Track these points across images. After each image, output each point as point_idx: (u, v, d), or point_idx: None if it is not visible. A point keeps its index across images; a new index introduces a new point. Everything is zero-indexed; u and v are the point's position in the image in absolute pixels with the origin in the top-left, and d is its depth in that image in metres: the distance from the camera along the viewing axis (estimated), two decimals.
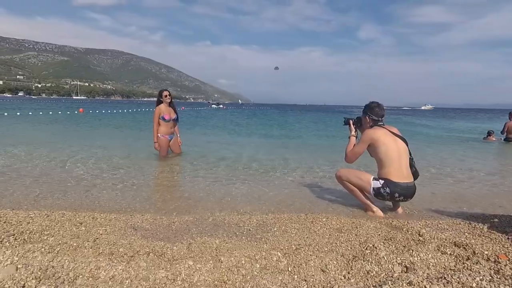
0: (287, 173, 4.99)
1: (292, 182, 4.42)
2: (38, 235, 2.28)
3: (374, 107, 3.09)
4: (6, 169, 4.69)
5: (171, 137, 5.89)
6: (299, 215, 2.86)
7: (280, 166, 5.53)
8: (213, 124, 17.59)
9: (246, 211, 3.10)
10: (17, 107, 33.01)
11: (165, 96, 5.67)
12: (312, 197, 3.67)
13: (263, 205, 3.32)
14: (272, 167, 5.36)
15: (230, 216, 2.87)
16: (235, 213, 3.00)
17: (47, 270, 1.65)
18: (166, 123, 5.64)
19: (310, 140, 10.55)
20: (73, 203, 3.27)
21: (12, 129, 11.87)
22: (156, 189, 4.02)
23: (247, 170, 5.09)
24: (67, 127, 13.29)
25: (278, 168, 5.34)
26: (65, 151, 6.46)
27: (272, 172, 4.98)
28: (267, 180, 4.47)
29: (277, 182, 4.36)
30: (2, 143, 7.34)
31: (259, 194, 3.75)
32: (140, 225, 2.57)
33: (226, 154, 6.72)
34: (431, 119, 31.29)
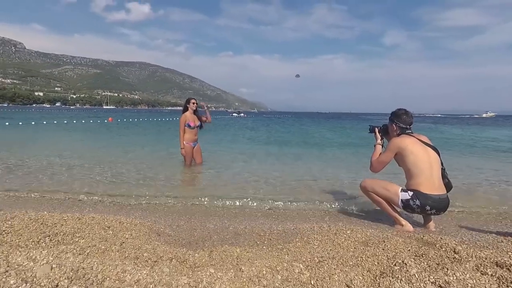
0: (308, 182, 4.93)
1: (314, 191, 4.36)
2: (70, 237, 2.39)
3: (402, 114, 2.95)
4: (41, 174, 4.99)
5: (195, 144, 6.02)
6: (321, 226, 2.81)
7: (301, 175, 5.48)
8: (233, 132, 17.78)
9: (267, 220, 3.09)
10: (55, 116, 35.17)
11: (192, 103, 5.86)
12: (335, 208, 3.60)
13: (283, 215, 3.30)
14: (293, 176, 5.32)
15: (250, 225, 2.87)
16: (255, 222, 3.00)
17: (78, 271, 1.73)
18: (191, 130, 5.79)
19: (332, 148, 10.37)
20: (100, 207, 3.41)
21: (47, 136, 12.64)
22: (179, 196, 4.10)
23: (267, 179, 5.09)
24: (97, 135, 13.95)
25: (299, 177, 5.29)
26: (94, 158, 6.76)
27: (293, 181, 4.94)
28: (288, 190, 4.44)
29: (298, 192, 4.32)
30: (39, 149, 7.82)
31: (279, 204, 3.73)
32: (163, 231, 2.63)
33: (247, 162, 6.76)
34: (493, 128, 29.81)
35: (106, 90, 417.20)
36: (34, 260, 1.87)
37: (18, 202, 3.60)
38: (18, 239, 2.34)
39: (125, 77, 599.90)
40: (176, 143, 6.20)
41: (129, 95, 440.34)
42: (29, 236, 2.41)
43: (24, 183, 4.49)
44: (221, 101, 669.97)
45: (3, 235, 2.43)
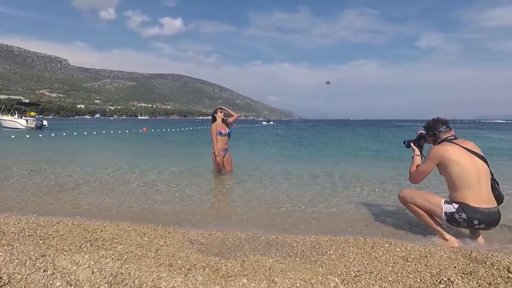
0: (343, 192, 4.78)
1: (348, 201, 4.20)
2: (109, 242, 2.50)
3: (435, 123, 2.81)
4: (82, 181, 5.31)
5: (225, 153, 6.07)
6: (356, 238, 2.70)
7: (334, 184, 5.33)
8: (263, 140, 17.76)
9: (299, 231, 3.02)
10: (95, 126, 37.51)
11: (219, 112, 6.00)
12: (371, 219, 3.44)
13: (316, 226, 3.22)
14: (326, 186, 5.19)
15: (282, 235, 2.82)
16: (288, 232, 2.95)
17: (117, 276, 1.79)
18: (222, 137, 5.88)
19: (368, 156, 9.99)
20: (137, 214, 3.54)
21: (87, 146, 13.46)
22: (210, 204, 4.15)
23: (299, 189, 5.00)
24: (132, 144, 14.61)
25: (332, 186, 5.15)
26: (130, 166, 7.07)
27: (327, 191, 4.82)
28: (321, 199, 4.32)
29: (331, 202, 4.19)
30: (77, 159, 8.33)
31: (312, 214, 3.64)
32: (196, 239, 2.67)
33: (278, 171, 6.69)
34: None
35: (140, 101, 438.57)
36: (77, 264, 1.97)
37: (55, 208, 3.84)
38: (63, 243, 2.48)
39: (158, 89, 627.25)
40: (206, 152, 6.31)
41: (162, 105, 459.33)
42: (72, 240, 2.55)
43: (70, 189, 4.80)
44: (250, 110, 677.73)
45: (49, 239, 2.59)
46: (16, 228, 2.81)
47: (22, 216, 3.35)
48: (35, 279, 1.72)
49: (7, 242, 2.40)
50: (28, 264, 1.92)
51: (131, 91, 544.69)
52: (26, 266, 1.88)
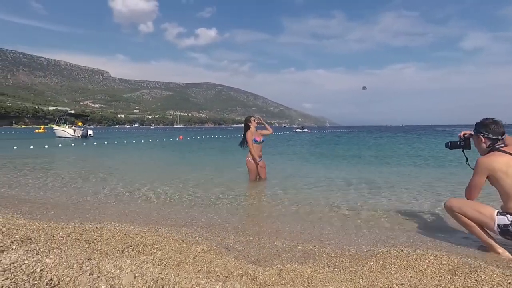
0: (384, 200, 4.56)
1: (389, 210, 4.00)
2: (149, 248, 2.58)
3: (490, 123, 2.54)
4: (121, 188, 5.58)
5: (259, 160, 6.07)
6: (398, 249, 2.54)
7: (374, 191, 5.11)
8: (298, 148, 17.53)
9: (338, 240, 2.91)
10: (134, 135, 39.59)
11: (253, 120, 6.02)
12: (414, 230, 3.23)
13: (356, 235, 3.08)
14: (366, 194, 4.99)
15: (320, 244, 2.74)
16: (325, 241, 2.86)
17: (157, 281, 1.83)
18: (256, 145, 5.90)
19: (409, 163, 9.47)
20: (174, 220, 3.63)
21: (127, 154, 14.18)
22: (246, 212, 4.16)
23: (338, 196, 4.85)
24: (170, 152, 15.17)
25: (373, 194, 4.94)
26: (167, 174, 7.33)
27: (367, 199, 4.62)
28: (360, 208, 4.14)
29: (372, 210, 4.01)
30: (118, 167, 8.79)
31: (351, 223, 3.50)
32: (232, 246, 2.67)
33: (314, 179, 6.53)
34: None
35: (176, 110, 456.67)
36: (120, 268, 2.05)
37: (101, 213, 4.05)
38: (106, 248, 2.60)
39: (193, 98, 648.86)
40: (240, 160, 6.37)
41: (197, 114, 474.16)
42: (115, 245, 2.67)
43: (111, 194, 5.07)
44: (284, 117, 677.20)
45: (94, 243, 2.73)
46: (64, 232, 3.00)
47: (69, 221, 3.59)
48: (82, 282, 1.81)
49: (56, 245, 2.57)
50: (75, 267, 2.03)
51: (167, 100, 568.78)
52: (73, 269, 1.99)
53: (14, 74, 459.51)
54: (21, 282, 1.67)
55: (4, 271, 1.78)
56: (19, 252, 2.14)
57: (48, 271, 1.89)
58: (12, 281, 1.67)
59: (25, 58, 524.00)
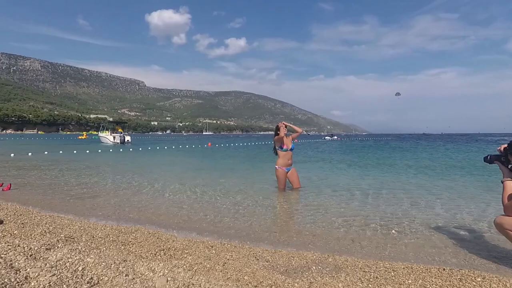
0: (423, 212, 4.30)
1: (430, 223, 3.76)
2: (180, 252, 2.64)
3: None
4: (154, 193, 5.77)
5: (289, 169, 5.99)
6: (441, 268, 2.38)
7: (413, 203, 4.85)
8: (330, 156, 17.06)
9: (372, 254, 2.79)
10: (166, 141, 41.04)
11: (280, 127, 5.92)
12: (458, 246, 3.00)
13: (392, 249, 2.93)
14: (404, 205, 4.74)
15: (352, 257, 2.64)
16: (358, 255, 2.74)
17: (188, 287, 1.86)
18: (284, 152, 5.84)
19: (454, 175, 8.87)
20: (204, 226, 3.68)
21: (160, 160, 14.70)
22: (275, 221, 4.10)
23: (372, 207, 4.65)
24: (200, 159, 15.50)
25: (411, 206, 4.68)
26: (197, 181, 7.47)
27: (404, 211, 4.39)
28: (397, 221, 3.93)
29: (410, 223, 3.79)
30: (151, 172, 9.10)
31: (387, 236, 3.34)
32: (261, 255, 2.65)
33: (347, 188, 6.31)
34: None
35: (206, 117, 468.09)
36: (153, 271, 2.11)
37: (129, 218, 4.20)
38: (140, 250, 2.69)
39: (222, 106, 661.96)
40: (269, 168, 6.34)
41: (225, 121, 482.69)
42: (148, 248, 2.76)
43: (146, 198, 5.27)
44: (312, 124, 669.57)
45: (129, 245, 2.84)
46: (102, 233, 3.16)
47: (107, 222, 3.77)
48: (118, 282, 1.89)
49: (95, 245, 2.70)
50: (112, 267, 2.12)
51: (197, 108, 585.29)
52: (111, 269, 2.08)
53: (62, 85, 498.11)
54: (65, 279, 1.78)
55: (51, 267, 1.90)
56: (64, 251, 2.28)
57: (89, 270, 2.00)
58: (58, 278, 1.78)
59: (71, 71, 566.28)
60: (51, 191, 5.87)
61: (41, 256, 2.18)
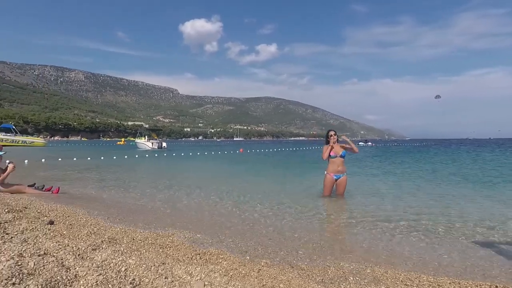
0: (470, 226, 3.99)
1: (478, 239, 3.48)
2: (215, 257, 2.67)
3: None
4: (190, 198, 5.92)
5: (338, 176, 5.76)
6: (493, 285, 2.19)
7: (461, 217, 4.52)
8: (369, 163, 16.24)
9: (414, 266, 2.64)
10: (199, 147, 42.18)
11: (330, 136, 5.79)
12: (509, 262, 2.76)
13: (436, 262, 2.75)
14: (450, 218, 4.41)
15: (393, 269, 2.51)
16: (399, 267, 2.61)
17: None
18: (332, 159, 5.72)
19: (499, 182, 8.20)
20: (238, 232, 3.71)
21: (194, 165, 15.08)
22: (311, 228, 4.01)
23: (417, 218, 4.39)
24: (232, 165, 15.70)
25: (458, 220, 4.35)
26: (233, 185, 7.56)
27: (450, 222, 4.11)
28: (442, 234, 3.66)
29: (459, 236, 3.53)
30: (186, 178, 9.35)
31: (432, 248, 3.14)
32: (296, 263, 2.61)
33: (389, 198, 6.01)
34: None
35: (237, 124, 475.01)
36: (190, 275, 2.16)
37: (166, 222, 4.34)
38: (177, 254, 2.77)
39: (253, 112, 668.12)
40: (304, 174, 6.24)
41: (256, 127, 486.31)
42: (184, 252, 2.83)
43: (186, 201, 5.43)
44: (345, 130, 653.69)
45: (167, 248, 2.93)
46: (142, 236, 3.29)
47: (145, 225, 3.92)
48: (158, 285, 1.95)
49: (136, 247, 2.82)
50: (152, 269, 2.20)
51: (228, 114, 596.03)
52: (151, 271, 2.16)
53: (102, 94, 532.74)
54: (110, 279, 1.87)
55: (97, 267, 2.02)
56: (108, 251, 2.41)
57: (131, 271, 2.09)
58: (104, 277, 1.88)
59: (111, 80, 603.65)
60: (94, 194, 6.25)
61: (88, 256, 2.32)
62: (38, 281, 1.68)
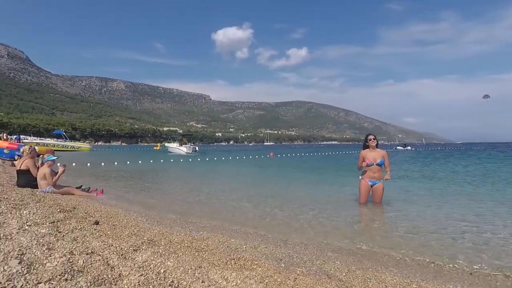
0: None
1: None
2: (250, 263, 2.67)
3: None
4: (225, 202, 5.99)
5: (374, 182, 5.55)
6: None
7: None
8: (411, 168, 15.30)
9: (464, 284, 2.45)
10: (230, 151, 42.82)
11: (369, 139, 5.62)
12: None
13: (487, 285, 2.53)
14: (505, 234, 4.05)
15: (442, 287, 2.35)
16: (446, 282, 2.43)
17: None
18: (368, 167, 5.56)
19: None
20: (270, 237, 3.69)
21: (226, 169, 15.32)
22: (349, 236, 3.87)
23: (461, 230, 4.07)
24: (264, 169, 15.72)
25: None
26: (263, 190, 7.56)
27: (506, 239, 3.76)
28: (498, 251, 3.33)
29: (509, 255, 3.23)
30: (220, 182, 9.50)
31: (484, 269, 2.88)
32: (333, 274, 2.53)
33: (436, 207, 5.60)
34: None
35: (267, 128, 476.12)
36: (226, 280, 2.17)
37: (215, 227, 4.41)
38: (212, 258, 2.81)
39: (283, 116, 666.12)
40: (340, 179, 6.09)
41: (286, 132, 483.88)
42: (219, 256, 2.86)
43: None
44: (380, 133, 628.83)
45: (202, 252, 2.99)
46: (178, 239, 3.39)
47: (180, 228, 4.04)
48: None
49: (173, 250, 2.91)
50: (190, 272, 2.24)
51: (259, 119, 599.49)
52: (188, 274, 2.20)
53: (141, 102, 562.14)
54: (151, 280, 1.94)
55: (139, 268, 2.11)
56: (148, 253, 2.51)
57: (169, 273, 2.15)
58: (145, 278, 1.95)
59: (148, 89, 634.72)
60: (133, 196, 6.57)
61: (130, 256, 2.43)
62: (87, 278, 1.78)
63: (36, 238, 2.44)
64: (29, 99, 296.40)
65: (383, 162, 5.48)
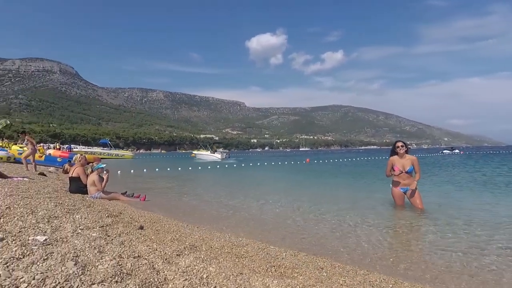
0: None
1: None
2: (290, 271, 2.63)
3: None
4: (263, 207, 5.99)
5: (405, 189, 5.39)
6: None
7: None
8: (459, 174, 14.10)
9: None
10: (265, 157, 42.95)
11: (397, 146, 5.41)
12: None
13: None
14: None
15: None
16: None
17: None
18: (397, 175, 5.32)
19: None
20: (309, 245, 3.59)
21: (263, 175, 15.35)
22: (388, 246, 3.69)
23: None
24: (301, 175, 15.53)
25: None
26: (301, 196, 7.45)
27: None
28: None
29: None
30: (255, 188, 9.52)
31: None
32: (378, 285, 2.40)
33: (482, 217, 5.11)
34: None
35: (302, 133, 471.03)
36: (267, 287, 2.15)
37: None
38: (253, 264, 2.80)
39: (319, 121, 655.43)
40: (379, 186, 5.82)
41: (322, 137, 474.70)
42: (259, 263, 2.84)
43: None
44: (424, 136, 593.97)
45: (242, 258, 2.99)
46: (218, 244, 3.43)
47: (220, 234, 4.09)
48: None
49: (214, 255, 2.95)
50: (231, 279, 2.25)
51: (294, 124, 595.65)
52: (230, 281, 2.21)
53: (178, 111, 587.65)
54: (195, 285, 1.98)
55: (183, 272, 2.16)
56: (190, 258, 2.57)
57: (211, 278, 2.18)
58: (189, 283, 2.00)
59: (186, 97, 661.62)
60: (174, 202, 6.82)
61: (173, 261, 2.50)
62: (135, 281, 1.86)
63: (88, 241, 2.61)
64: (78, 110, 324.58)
65: (413, 169, 5.24)
